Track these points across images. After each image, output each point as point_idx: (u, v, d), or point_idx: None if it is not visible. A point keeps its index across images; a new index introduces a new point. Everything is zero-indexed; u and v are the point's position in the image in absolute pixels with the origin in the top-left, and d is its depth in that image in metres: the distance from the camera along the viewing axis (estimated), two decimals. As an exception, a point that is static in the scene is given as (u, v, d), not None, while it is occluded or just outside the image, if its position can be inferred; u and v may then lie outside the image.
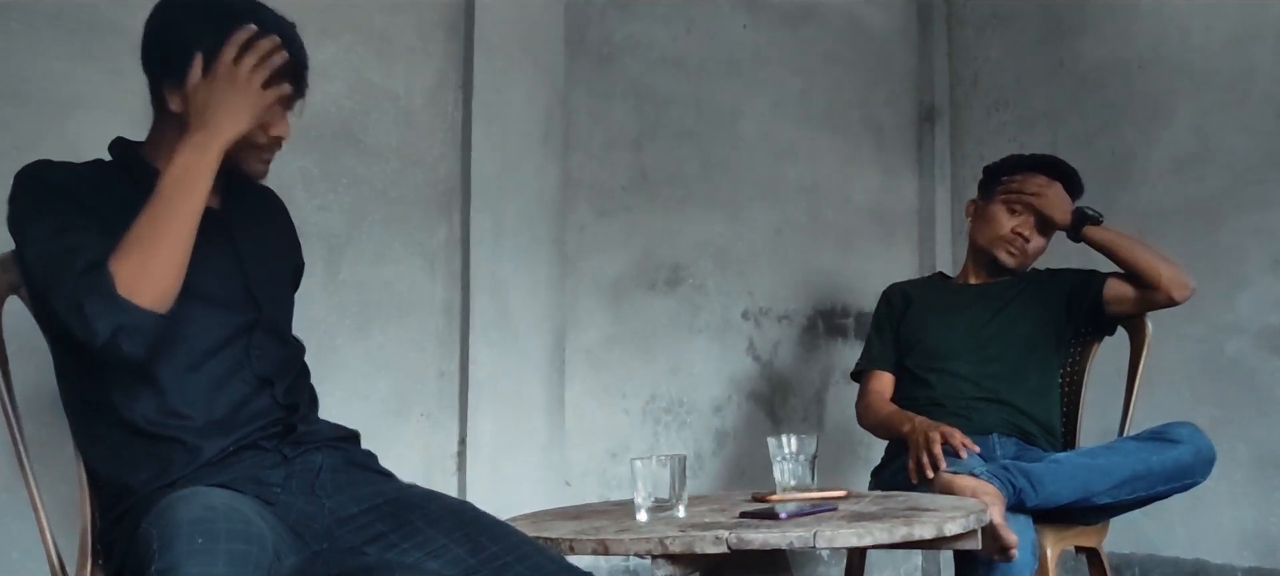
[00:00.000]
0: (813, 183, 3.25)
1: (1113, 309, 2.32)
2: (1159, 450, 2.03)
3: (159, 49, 1.45)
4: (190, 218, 1.32)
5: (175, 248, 1.31)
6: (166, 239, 1.30)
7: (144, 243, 1.29)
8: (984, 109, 3.46)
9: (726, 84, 3.07)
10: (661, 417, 2.88)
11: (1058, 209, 2.33)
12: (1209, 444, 2.06)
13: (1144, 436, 2.08)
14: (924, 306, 2.46)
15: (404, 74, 2.48)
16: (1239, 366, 2.80)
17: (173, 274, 1.30)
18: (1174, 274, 2.21)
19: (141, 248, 1.29)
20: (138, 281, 1.27)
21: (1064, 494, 1.98)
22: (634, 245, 2.86)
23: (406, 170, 2.47)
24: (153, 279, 1.28)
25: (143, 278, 1.28)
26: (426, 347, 2.47)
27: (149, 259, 1.29)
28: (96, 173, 1.46)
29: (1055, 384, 2.40)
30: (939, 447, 2.06)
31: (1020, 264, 2.39)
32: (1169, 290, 2.22)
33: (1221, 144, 2.87)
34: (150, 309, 1.28)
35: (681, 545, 1.45)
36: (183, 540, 1.14)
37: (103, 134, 1.57)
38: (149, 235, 1.30)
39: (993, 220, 2.40)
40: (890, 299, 2.53)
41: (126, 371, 1.37)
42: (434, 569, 1.40)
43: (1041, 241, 2.39)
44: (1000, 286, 2.42)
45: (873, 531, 1.47)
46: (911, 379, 2.39)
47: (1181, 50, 2.95)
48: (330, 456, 1.51)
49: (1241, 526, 2.75)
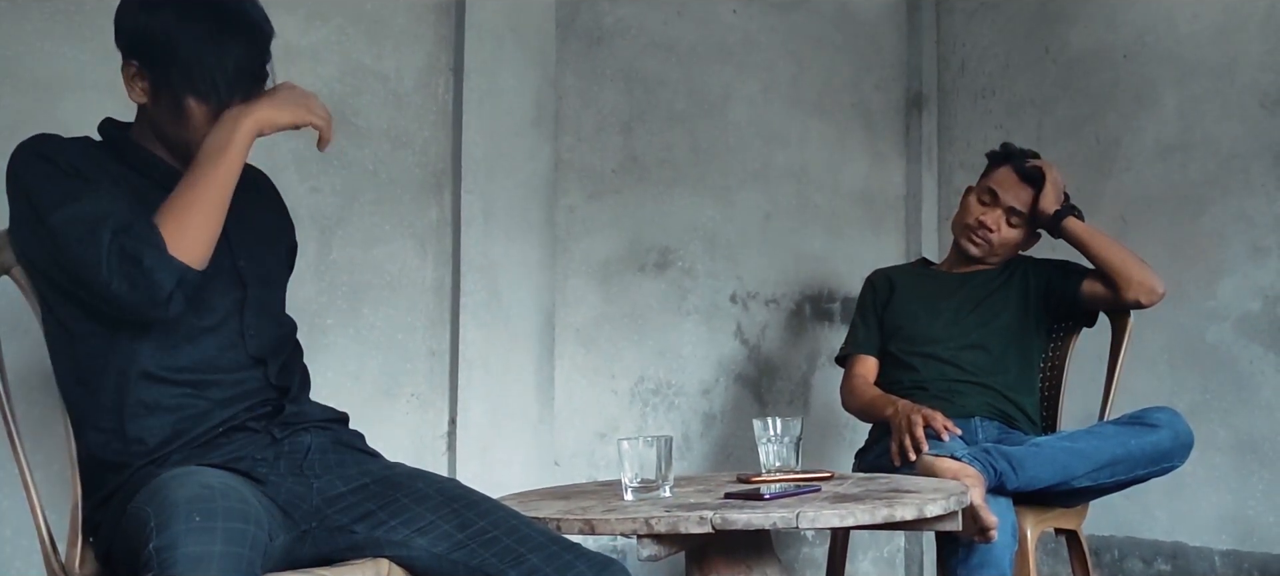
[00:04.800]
0: (802, 167, 3.27)
1: (1089, 305, 2.35)
2: (1138, 434, 2.06)
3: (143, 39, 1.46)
4: (223, 185, 1.40)
5: (210, 212, 1.39)
6: (202, 203, 1.39)
7: (182, 207, 1.38)
8: (971, 96, 3.48)
9: (716, 68, 3.08)
10: (650, 399, 2.91)
11: (1052, 195, 2.33)
12: (1187, 428, 2.09)
13: (1123, 420, 2.11)
14: (908, 293, 2.48)
15: (395, 56, 2.48)
16: (1219, 352, 2.83)
17: (208, 236, 1.39)
18: (1144, 278, 2.24)
19: (181, 211, 1.37)
20: (180, 240, 1.36)
21: (1044, 477, 2.01)
22: (624, 228, 2.88)
23: (397, 152, 2.48)
24: (192, 241, 1.37)
25: (184, 238, 1.36)
26: (417, 328, 2.49)
27: (188, 221, 1.37)
28: (90, 149, 1.48)
29: (1036, 372, 2.42)
30: (921, 430, 2.09)
31: (984, 254, 2.40)
32: (1136, 295, 2.25)
33: (1206, 132, 2.89)
34: (193, 266, 1.37)
35: (667, 525, 1.47)
36: (181, 518, 1.15)
37: (91, 114, 1.58)
38: (187, 200, 1.38)
39: (964, 208, 2.44)
40: (875, 284, 2.55)
41: (138, 335, 1.42)
42: (422, 545, 1.42)
43: (1013, 233, 2.38)
44: (985, 275, 2.44)
45: (855, 512, 1.50)
46: (895, 363, 2.42)
47: (1167, 39, 2.97)
48: (318, 437, 1.53)
49: (1220, 510, 2.79)
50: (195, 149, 1.43)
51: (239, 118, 1.42)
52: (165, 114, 1.46)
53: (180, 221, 1.36)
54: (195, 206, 1.38)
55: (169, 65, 1.42)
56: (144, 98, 1.46)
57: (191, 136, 1.45)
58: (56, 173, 1.39)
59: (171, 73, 1.43)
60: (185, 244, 1.36)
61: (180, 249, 1.35)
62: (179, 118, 1.45)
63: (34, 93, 2.01)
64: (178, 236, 1.35)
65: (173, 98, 1.44)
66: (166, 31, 1.41)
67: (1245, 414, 2.78)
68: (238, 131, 1.41)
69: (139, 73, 1.45)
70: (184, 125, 1.45)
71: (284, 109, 1.46)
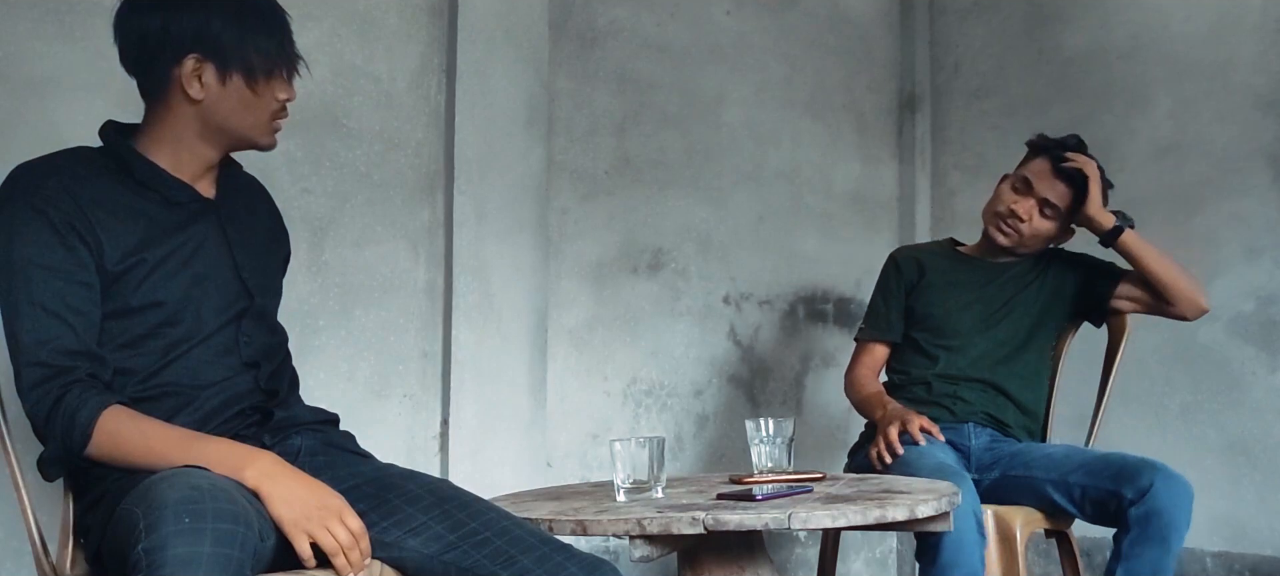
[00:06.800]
0: (794, 168, 3.27)
1: (1117, 305, 2.32)
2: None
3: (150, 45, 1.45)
4: (157, 464, 1.32)
5: (135, 464, 1.34)
6: (140, 459, 1.34)
7: (129, 443, 1.34)
8: (965, 97, 3.49)
9: (710, 69, 3.08)
10: (643, 400, 2.91)
11: (1100, 201, 2.24)
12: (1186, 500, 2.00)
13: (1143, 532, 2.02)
14: (940, 279, 2.39)
15: (387, 57, 2.48)
16: (1211, 353, 2.84)
17: (117, 461, 1.36)
18: (1193, 295, 2.23)
19: (125, 443, 1.34)
20: (101, 445, 1.34)
21: None
22: (617, 229, 2.88)
23: (390, 153, 2.48)
24: (108, 458, 1.35)
25: (103, 447, 1.34)
26: (409, 329, 2.48)
27: (118, 452, 1.34)
28: (89, 174, 1.44)
29: (1047, 367, 2.38)
30: (895, 435, 2.12)
31: (1013, 244, 2.32)
32: (1183, 310, 2.25)
33: (1200, 133, 2.90)
34: (87, 456, 1.35)
35: (659, 526, 1.47)
36: (169, 519, 1.15)
37: (83, 114, 1.58)
38: (139, 450, 1.34)
39: (996, 195, 2.35)
40: (900, 265, 2.44)
41: (123, 346, 1.42)
42: (414, 546, 1.42)
43: (1045, 226, 2.29)
44: (1018, 269, 2.37)
45: (847, 513, 1.50)
46: (916, 348, 2.37)
47: (1162, 40, 2.98)
48: (309, 439, 1.53)
49: (1211, 512, 2.79)
50: (252, 133, 1.49)
51: (252, 468, 1.32)
52: (232, 99, 1.46)
53: (115, 443, 1.34)
54: (133, 454, 1.34)
55: (238, 45, 1.44)
56: (203, 92, 1.45)
57: (257, 118, 1.48)
58: (43, 236, 1.37)
59: (243, 52, 1.44)
60: (102, 451, 1.34)
61: (93, 450, 1.34)
62: (246, 101, 1.47)
63: (26, 93, 2.01)
64: (106, 443, 1.33)
65: (245, 75, 1.45)
66: (222, 16, 1.43)
67: (1237, 415, 2.79)
68: (236, 471, 1.31)
69: (200, 64, 1.44)
70: (251, 108, 1.48)
71: (297, 513, 1.30)
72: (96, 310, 1.39)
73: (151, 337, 1.43)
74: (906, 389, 2.35)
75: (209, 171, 1.53)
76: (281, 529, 1.29)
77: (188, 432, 1.37)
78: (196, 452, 1.32)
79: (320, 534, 1.30)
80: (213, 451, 1.33)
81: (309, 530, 1.29)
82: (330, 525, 1.30)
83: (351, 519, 1.32)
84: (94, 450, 1.34)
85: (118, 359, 1.41)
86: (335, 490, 1.46)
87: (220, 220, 1.53)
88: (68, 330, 1.35)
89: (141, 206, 1.45)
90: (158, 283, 1.43)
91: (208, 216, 1.51)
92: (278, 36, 1.49)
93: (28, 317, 1.35)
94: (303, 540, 1.29)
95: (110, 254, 1.40)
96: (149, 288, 1.42)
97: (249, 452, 1.34)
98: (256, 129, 1.51)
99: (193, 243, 1.48)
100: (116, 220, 1.41)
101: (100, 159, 1.47)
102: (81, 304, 1.37)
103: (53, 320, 1.35)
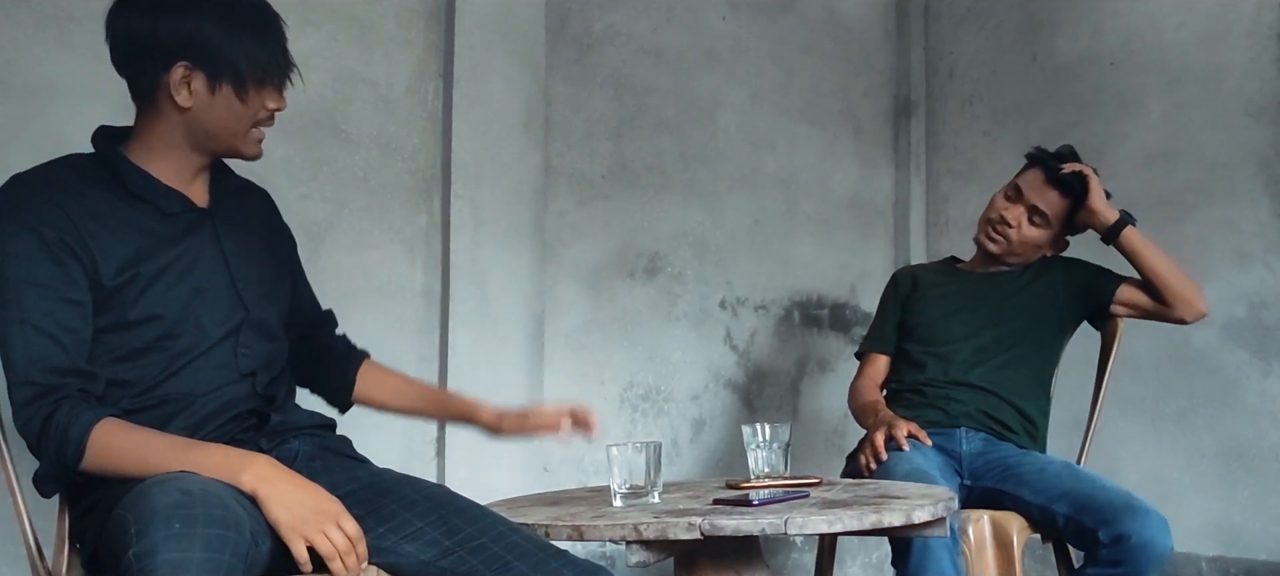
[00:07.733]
0: (790, 173, 3.28)
1: (1115, 310, 2.33)
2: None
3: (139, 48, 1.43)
4: (152, 473, 1.30)
5: (130, 473, 1.32)
6: (134, 468, 1.32)
7: (121, 453, 1.33)
8: (959, 103, 3.50)
9: (706, 75, 3.09)
10: (639, 405, 2.91)
11: (1101, 198, 2.26)
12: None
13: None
14: (931, 291, 2.45)
15: (385, 62, 2.48)
16: (1205, 358, 2.85)
17: (111, 472, 1.34)
18: (1192, 297, 2.24)
19: (118, 454, 1.33)
20: (95, 463, 1.33)
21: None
22: (613, 233, 2.88)
23: (387, 158, 2.48)
24: (103, 471, 1.34)
25: (96, 459, 1.33)
26: (406, 334, 2.49)
27: (110, 463, 1.33)
28: (84, 185, 1.43)
29: (1048, 376, 2.38)
30: (881, 441, 2.13)
31: (1002, 251, 2.35)
32: (1182, 313, 2.25)
33: (1191, 139, 2.91)
34: (82, 470, 1.34)
35: (655, 531, 1.47)
36: (160, 525, 1.15)
37: (81, 120, 1.57)
38: (132, 460, 1.33)
39: (989, 203, 2.39)
40: (897, 282, 2.53)
41: (121, 359, 1.41)
42: (410, 552, 1.42)
43: (1034, 233, 2.32)
44: (1009, 276, 2.39)
45: (843, 518, 1.50)
46: (907, 359, 2.41)
47: (1153, 47, 2.99)
48: (306, 443, 1.53)
49: (1206, 516, 2.80)
50: (238, 143, 1.47)
51: (248, 472, 1.30)
52: (220, 108, 1.44)
53: (109, 456, 1.32)
54: (128, 465, 1.32)
55: (229, 54, 1.41)
56: (191, 100, 1.42)
57: (241, 125, 1.46)
58: (34, 252, 1.36)
59: (233, 60, 1.42)
60: (96, 465, 1.33)
61: (90, 462, 1.33)
62: (235, 112, 1.45)
63: (25, 99, 2.01)
64: (100, 457, 1.32)
65: (235, 85, 1.43)
66: (214, 23, 1.41)
67: (1231, 420, 2.80)
68: (232, 476, 1.29)
69: (190, 72, 1.41)
70: (240, 119, 1.46)
71: (294, 516, 1.29)
72: (87, 327, 1.38)
73: (153, 350, 1.42)
74: (902, 395, 2.38)
75: (201, 177, 1.52)
76: (278, 532, 1.29)
77: (182, 440, 1.37)
78: (192, 459, 1.31)
79: (317, 538, 1.29)
80: (208, 457, 1.32)
81: (305, 534, 1.29)
82: (327, 529, 1.30)
83: (348, 523, 1.32)
84: (88, 464, 1.33)
85: (115, 371, 1.40)
86: (332, 494, 1.47)
87: (215, 230, 1.51)
88: (58, 348, 1.34)
89: (135, 218, 1.43)
90: (156, 296, 1.42)
91: (203, 227, 1.49)
92: (270, 44, 1.45)
93: (18, 336, 1.35)
94: (299, 544, 1.29)
95: (105, 268, 1.39)
96: (147, 301, 1.41)
97: (245, 457, 1.34)
98: (243, 139, 1.49)
99: (189, 255, 1.46)
100: (110, 233, 1.40)
101: (93, 169, 1.45)
102: (72, 321, 1.36)
103: (43, 338, 1.34)
